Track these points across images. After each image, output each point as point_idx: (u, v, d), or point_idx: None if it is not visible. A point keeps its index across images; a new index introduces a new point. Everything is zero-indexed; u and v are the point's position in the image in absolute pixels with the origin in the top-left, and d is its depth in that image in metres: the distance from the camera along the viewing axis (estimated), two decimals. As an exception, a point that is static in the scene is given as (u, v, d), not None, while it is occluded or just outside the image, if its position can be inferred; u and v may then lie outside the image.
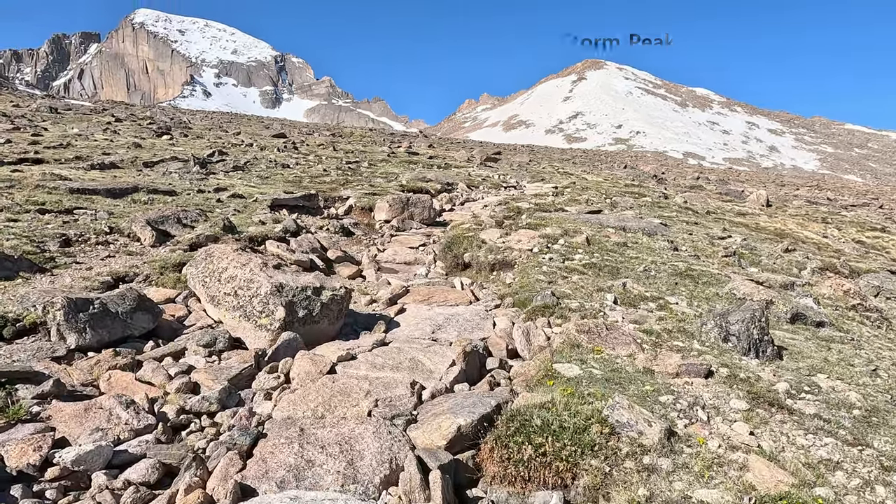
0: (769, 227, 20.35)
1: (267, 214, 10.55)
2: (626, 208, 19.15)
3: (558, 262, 8.83)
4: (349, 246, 11.09)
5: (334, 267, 8.97)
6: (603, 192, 23.17)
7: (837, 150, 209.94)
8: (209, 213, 10.27)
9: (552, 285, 7.52)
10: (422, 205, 14.01)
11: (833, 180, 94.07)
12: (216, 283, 5.52)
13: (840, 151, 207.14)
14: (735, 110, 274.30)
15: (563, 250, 9.64)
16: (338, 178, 19.20)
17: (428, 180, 20.69)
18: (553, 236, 10.55)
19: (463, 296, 7.46)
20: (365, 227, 13.13)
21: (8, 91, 79.75)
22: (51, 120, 36.66)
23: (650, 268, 9.18)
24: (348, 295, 5.77)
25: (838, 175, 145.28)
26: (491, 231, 11.18)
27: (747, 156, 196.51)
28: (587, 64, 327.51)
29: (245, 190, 13.54)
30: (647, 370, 4.47)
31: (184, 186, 12.87)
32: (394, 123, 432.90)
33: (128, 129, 34.62)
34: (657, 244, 11.87)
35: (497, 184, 23.57)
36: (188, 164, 20.70)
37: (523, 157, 56.53)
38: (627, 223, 13.74)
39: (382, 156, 34.57)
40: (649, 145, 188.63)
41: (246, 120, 74.04)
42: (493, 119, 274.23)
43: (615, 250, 10.47)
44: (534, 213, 14.16)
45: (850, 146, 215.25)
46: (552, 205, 16.16)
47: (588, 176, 38.33)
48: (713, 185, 46.62)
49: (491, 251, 9.30)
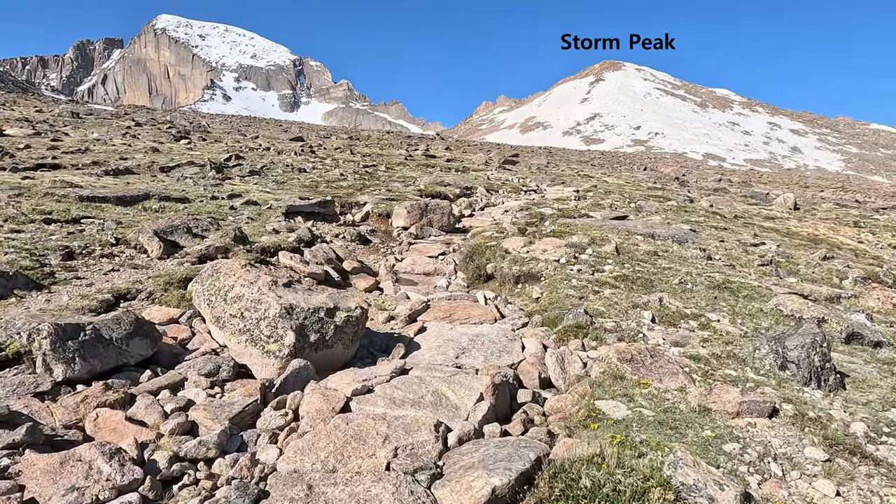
0: (801, 232, 19.53)
1: (281, 222, 10.14)
2: (652, 213, 18.51)
3: (587, 275, 8.27)
4: (366, 255, 10.64)
5: (350, 279, 8.50)
6: (626, 196, 22.47)
7: (862, 150, 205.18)
8: (221, 222, 9.88)
9: (583, 301, 6.96)
10: (440, 211, 13.52)
11: (858, 181, 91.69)
12: (222, 303, 5.07)
13: (865, 152, 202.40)
14: (756, 111, 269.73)
15: (592, 261, 9.07)
16: (354, 183, 18.81)
17: (446, 184, 20.21)
18: (580, 245, 9.98)
19: (487, 312, 6.94)
20: (382, 234, 12.68)
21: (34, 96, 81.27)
22: (72, 125, 36.95)
23: (686, 280, 8.57)
24: (364, 315, 5.29)
25: (864, 176, 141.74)
26: (514, 239, 10.64)
27: (769, 157, 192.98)
28: (605, 65, 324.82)
29: (260, 196, 13.17)
30: (703, 409, 3.91)
31: (197, 193, 12.54)
32: (411, 126, 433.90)
33: (147, 134, 34.73)
34: (689, 253, 11.23)
35: (517, 187, 22.99)
36: (204, 168, 20.49)
37: (541, 160, 55.82)
38: (656, 230, 13.10)
39: (399, 159, 34.19)
40: (668, 147, 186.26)
41: (264, 123, 74.44)
42: (510, 121, 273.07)
43: (646, 260, 9.87)
44: (557, 219, 13.58)
45: (876, 146, 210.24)
46: (575, 210, 15.56)
47: (609, 179, 37.54)
48: (737, 188, 45.50)
49: (515, 262, 8.77)
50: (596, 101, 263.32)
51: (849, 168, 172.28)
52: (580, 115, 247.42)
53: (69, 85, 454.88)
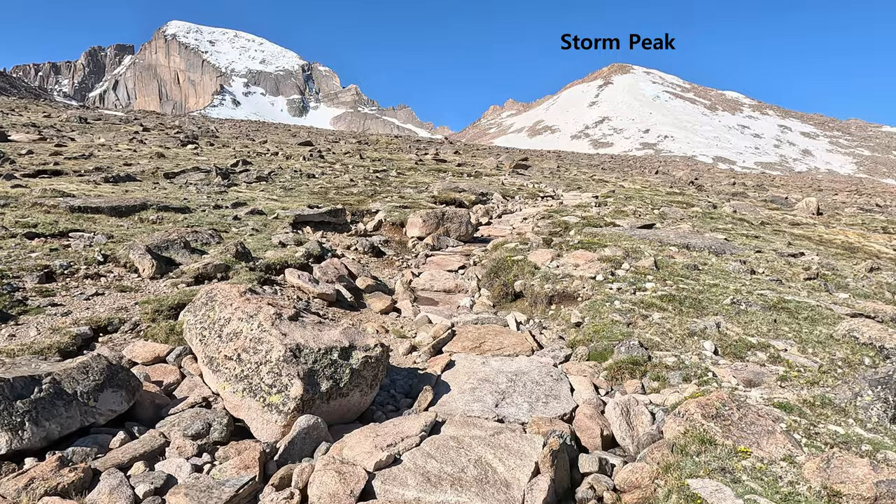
0: (834, 239, 18.52)
1: (288, 234, 9.32)
2: (678, 220, 17.61)
3: (629, 294, 7.37)
4: (380, 269, 9.79)
5: (364, 298, 7.65)
6: (648, 202, 21.53)
7: (875, 153, 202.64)
8: (224, 234, 9.07)
9: (632, 328, 6.07)
10: (458, 220, 12.67)
11: (872, 185, 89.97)
12: (216, 340, 4.22)
13: (878, 155, 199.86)
14: (766, 113, 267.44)
15: (631, 277, 8.16)
16: (365, 189, 18.01)
17: (461, 190, 19.36)
18: (614, 259, 9.08)
19: (521, 341, 6.06)
20: (396, 245, 11.84)
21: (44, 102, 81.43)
22: (79, 130, 36.51)
23: (738, 300, 7.64)
24: (385, 354, 4.42)
25: (877, 179, 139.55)
26: (540, 252, 9.76)
27: (780, 160, 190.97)
28: (614, 68, 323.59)
29: (266, 205, 12.37)
30: (831, 494, 3.02)
31: (200, 201, 11.75)
32: (419, 130, 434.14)
33: (154, 139, 34.17)
34: (730, 266, 10.29)
35: (533, 193, 22.12)
36: (210, 174, 19.77)
37: (551, 164, 54.93)
38: (689, 240, 12.17)
39: (410, 164, 33.40)
40: (678, 150, 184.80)
41: (273, 128, 74.09)
42: (519, 125, 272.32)
43: (688, 275, 8.95)
44: (583, 228, 12.69)
45: (889, 149, 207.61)
46: (600, 218, 14.65)
47: (625, 183, 36.57)
48: (754, 192, 44.40)
49: (546, 279, 7.88)
50: (604, 105, 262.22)
51: (861, 171, 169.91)
52: (588, 119, 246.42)
53: (81, 91, 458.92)
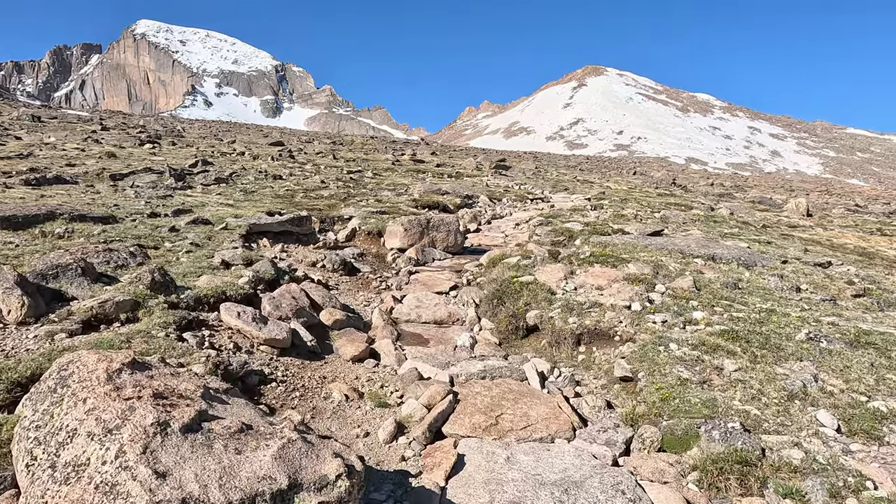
0: (844, 244, 17.24)
1: (237, 250, 7.37)
2: (681, 224, 16.13)
3: (679, 329, 5.65)
4: (353, 292, 7.89)
5: (332, 338, 5.77)
6: (644, 205, 20.01)
7: (840, 154, 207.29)
8: (153, 251, 7.09)
9: (709, 389, 4.31)
10: (445, 228, 10.83)
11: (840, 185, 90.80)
12: (46, 476, 2.34)
13: (843, 156, 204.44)
14: (737, 115, 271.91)
15: (673, 304, 6.44)
16: (338, 192, 16.07)
17: (444, 193, 17.54)
18: (643, 279, 7.35)
19: (554, 411, 4.25)
20: (373, 259, 9.95)
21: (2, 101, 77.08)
22: (28, 129, 33.72)
23: (813, 334, 5.98)
24: (360, 482, 2.58)
25: (842, 179, 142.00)
26: (549, 270, 7.99)
27: (750, 161, 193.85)
28: (587, 70, 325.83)
29: (217, 212, 10.36)
30: None
31: (134, 208, 9.70)
32: (394, 131, 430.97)
33: (111, 138, 31.63)
34: (770, 282, 8.65)
35: (521, 195, 20.41)
36: (163, 176, 17.67)
37: (530, 164, 53.56)
38: (712, 250, 10.54)
39: (387, 164, 31.47)
40: (651, 151, 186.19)
41: (245, 129, 71.33)
42: (494, 126, 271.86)
43: (733, 298, 7.27)
44: (589, 236, 10.97)
45: (853, 150, 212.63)
46: (604, 224, 12.98)
47: (611, 185, 35.22)
48: (738, 193, 43.61)
49: (569, 309, 6.10)
50: (579, 106, 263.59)
51: (827, 171, 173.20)
52: (563, 121, 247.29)
53: (46, 91, 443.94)
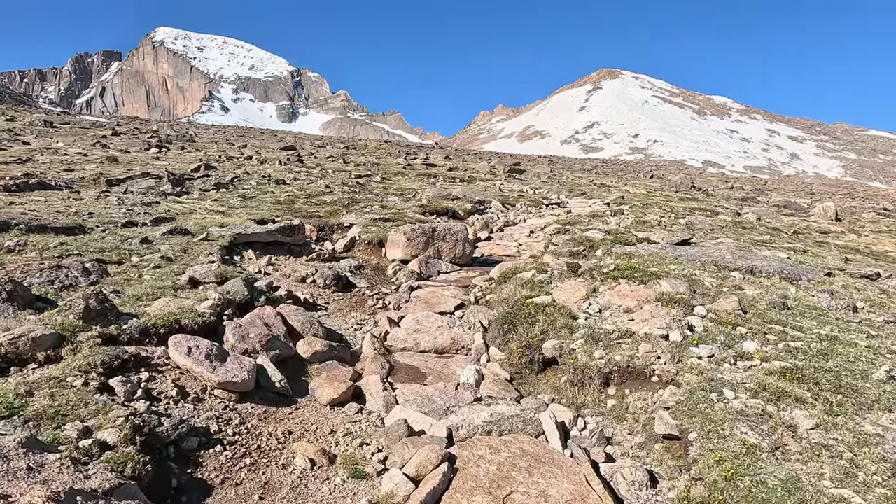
0: (887, 252, 15.93)
1: (212, 265, 6.50)
2: (709, 231, 15.01)
3: (729, 366, 4.64)
4: (345, 312, 6.96)
5: (309, 374, 4.84)
6: (668, 210, 18.86)
7: (861, 156, 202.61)
8: (114, 267, 6.25)
9: (782, 459, 3.33)
10: (452, 237, 9.88)
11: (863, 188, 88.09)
12: None
13: (864, 158, 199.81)
14: (754, 118, 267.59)
15: (719, 333, 5.41)
16: (342, 198, 15.21)
17: (454, 198, 16.59)
18: (679, 299, 6.32)
19: (581, 489, 3.28)
20: (372, 272, 9.02)
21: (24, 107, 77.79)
22: (38, 134, 33.42)
23: (893, 371, 4.92)
24: None
25: (863, 182, 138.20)
26: (569, 287, 7.01)
27: (768, 163, 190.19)
28: (602, 73, 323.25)
29: (203, 219, 9.52)
30: None
31: (111, 217, 8.89)
32: (409, 135, 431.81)
33: (120, 143, 31.23)
34: (821, 300, 7.56)
35: (536, 200, 19.38)
36: (161, 181, 17.00)
37: (545, 168, 52.44)
38: (749, 262, 9.45)
39: (397, 168, 30.63)
40: (667, 154, 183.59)
41: (259, 133, 71.12)
42: (509, 130, 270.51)
43: (785, 322, 6.21)
44: (612, 246, 9.94)
45: (875, 152, 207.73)
46: (627, 232, 11.93)
47: (629, 188, 34.01)
48: (761, 197, 42.10)
49: (595, 340, 5.11)
50: (594, 110, 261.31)
51: (848, 174, 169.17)
52: (578, 124, 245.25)
53: (67, 98, 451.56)
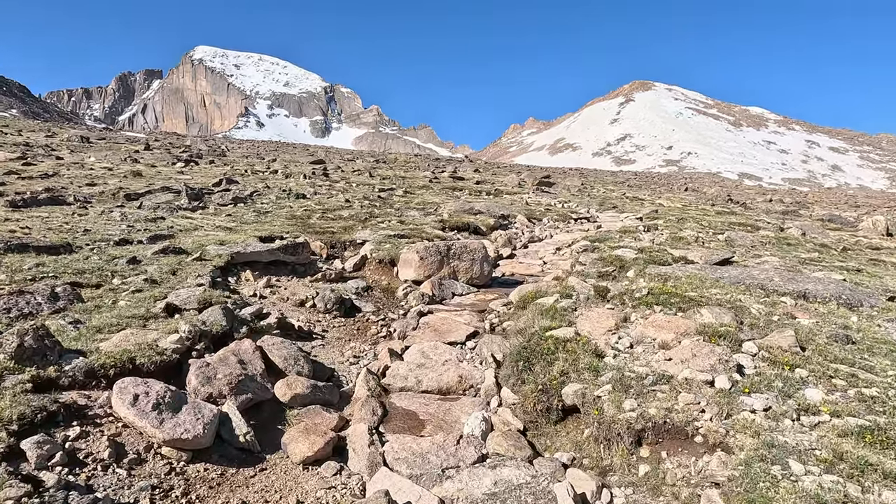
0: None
1: (198, 288, 5.91)
2: (750, 248, 13.91)
3: (792, 422, 3.77)
4: (342, 343, 6.28)
5: (287, 421, 4.15)
6: (705, 225, 17.74)
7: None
8: (90, 290, 5.72)
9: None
10: (469, 255, 9.14)
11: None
12: None
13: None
14: (793, 129, 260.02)
15: (774, 377, 4.52)
16: (360, 212, 14.65)
17: (476, 212, 15.87)
18: (724, 332, 5.43)
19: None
20: (381, 293, 8.34)
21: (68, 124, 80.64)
22: (73, 149, 34.07)
23: None
24: None
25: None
26: (596, 315, 6.19)
27: (808, 175, 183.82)
28: (635, 85, 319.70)
29: (204, 237, 9.02)
30: None
31: (106, 234, 8.45)
32: (439, 149, 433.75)
33: (150, 158, 31.60)
34: (889, 332, 6.53)
35: (564, 215, 18.50)
36: (179, 195, 16.81)
37: (575, 181, 51.34)
38: (802, 284, 8.42)
39: (423, 182, 30.12)
40: (702, 166, 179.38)
41: (290, 148, 71.89)
42: (539, 143, 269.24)
43: (848, 360, 5.25)
44: (645, 266, 9.05)
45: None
46: (661, 250, 10.99)
47: (663, 201, 32.74)
48: (803, 210, 40.17)
49: (624, 386, 4.29)
50: (626, 122, 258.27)
51: (894, 186, 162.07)
52: (610, 136, 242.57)
53: (111, 115, 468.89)
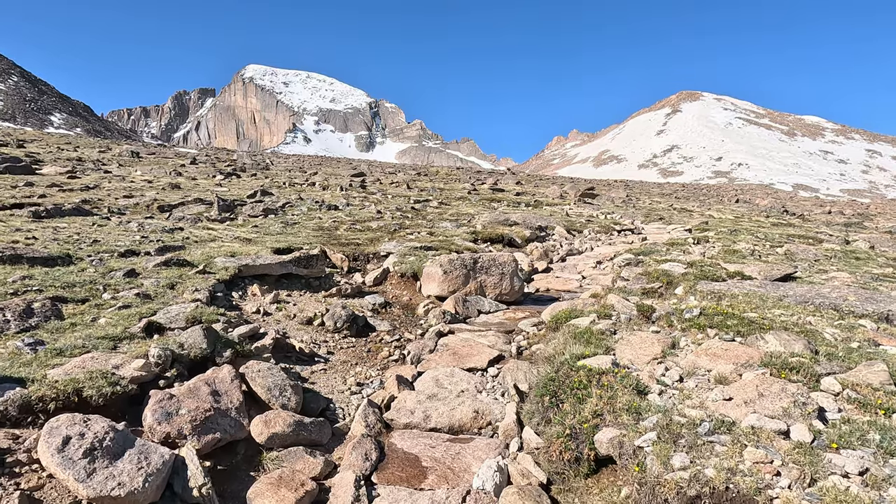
0: None
1: (192, 304, 5.38)
2: (814, 262, 12.60)
3: (892, 497, 2.87)
4: (347, 367, 5.61)
5: (264, 465, 3.49)
6: (760, 237, 16.39)
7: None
8: (75, 306, 5.27)
9: None
10: (498, 270, 8.37)
11: None
12: None
13: None
14: (852, 137, 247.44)
15: (866, 426, 3.59)
16: (390, 224, 14.10)
17: (512, 224, 15.07)
18: (797, 364, 4.49)
19: None
20: (401, 310, 7.66)
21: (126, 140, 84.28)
22: (124, 164, 35.12)
23: None
24: None
25: None
26: (638, 340, 5.33)
27: (869, 186, 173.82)
28: (682, 96, 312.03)
29: (218, 248, 8.58)
30: None
31: (114, 244, 8.12)
32: (482, 162, 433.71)
33: (193, 171, 32.24)
34: None
35: (607, 226, 17.46)
36: (211, 207, 16.75)
37: (620, 192, 49.70)
38: (884, 305, 7.27)
39: (461, 193, 29.49)
40: (753, 178, 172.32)
41: (334, 162, 72.80)
42: (583, 155, 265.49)
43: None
44: (696, 282, 8.07)
45: None
46: (713, 264, 9.93)
47: (712, 213, 31.04)
48: (867, 221, 37.48)
49: (672, 433, 3.44)
50: (673, 133, 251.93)
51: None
52: (656, 148, 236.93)
53: (167, 132, 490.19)
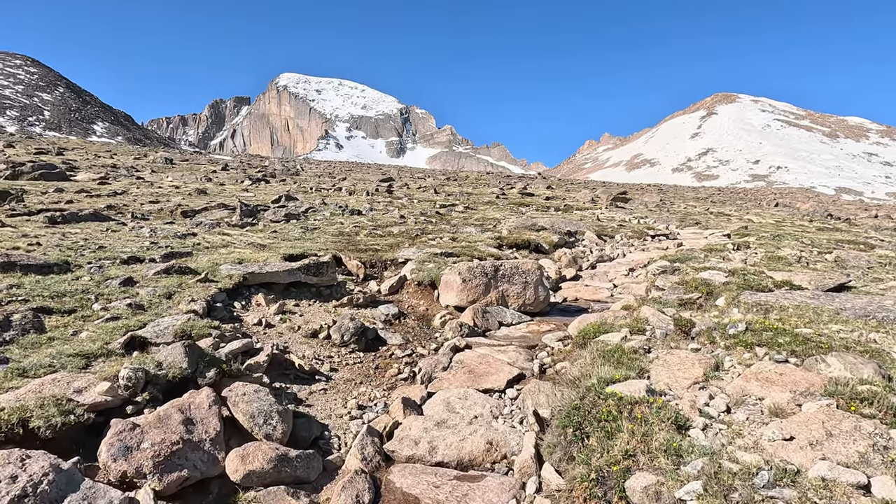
0: None
1: (185, 316, 5.00)
2: (867, 269, 11.70)
3: None
4: (350, 387, 5.13)
5: None
6: (806, 243, 15.36)
7: None
8: (60, 317, 4.95)
9: None
10: (521, 278, 7.81)
11: None
12: None
13: None
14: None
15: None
16: (412, 229, 13.66)
17: (539, 228, 14.45)
18: (869, 395, 3.82)
19: None
20: (416, 322, 7.16)
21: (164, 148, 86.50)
22: (157, 170, 35.72)
23: None
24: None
25: None
26: (676, 360, 4.71)
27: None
28: (717, 98, 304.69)
29: (228, 254, 8.25)
30: None
31: (119, 251, 7.85)
32: (512, 167, 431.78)
33: (223, 177, 32.59)
34: None
35: (640, 231, 16.65)
36: (234, 212, 16.63)
37: (652, 196, 48.35)
38: (953, 319, 6.47)
39: (490, 197, 28.92)
40: (793, 181, 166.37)
41: (364, 168, 73.12)
42: (616, 159, 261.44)
43: None
44: (738, 292, 7.36)
45: None
46: (758, 272, 9.15)
47: (751, 217, 29.70)
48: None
49: (720, 483, 2.85)
50: (708, 136, 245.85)
51: None
52: (691, 151, 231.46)
53: (204, 140, 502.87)
